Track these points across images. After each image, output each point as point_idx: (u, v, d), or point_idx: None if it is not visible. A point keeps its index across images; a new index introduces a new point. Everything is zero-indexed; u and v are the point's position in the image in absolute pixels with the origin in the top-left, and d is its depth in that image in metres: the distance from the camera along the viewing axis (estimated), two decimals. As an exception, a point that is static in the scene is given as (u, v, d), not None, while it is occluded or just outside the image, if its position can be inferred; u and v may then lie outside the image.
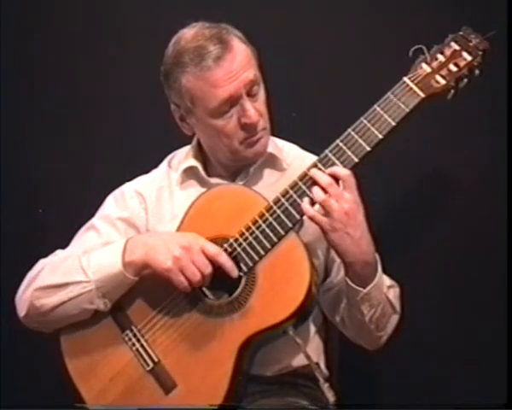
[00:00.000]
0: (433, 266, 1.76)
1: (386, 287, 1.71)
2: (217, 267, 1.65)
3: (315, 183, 1.63)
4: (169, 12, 2.23)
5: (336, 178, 1.62)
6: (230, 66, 1.69)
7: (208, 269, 1.64)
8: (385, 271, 1.73)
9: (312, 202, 1.64)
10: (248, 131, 1.73)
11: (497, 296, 2.11)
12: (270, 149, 1.82)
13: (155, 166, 1.94)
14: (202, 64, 1.69)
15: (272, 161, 1.84)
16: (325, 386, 1.62)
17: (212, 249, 1.65)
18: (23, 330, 1.80)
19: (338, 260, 1.76)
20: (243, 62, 1.71)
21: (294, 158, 1.85)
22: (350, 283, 1.66)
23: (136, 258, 1.67)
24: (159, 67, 1.79)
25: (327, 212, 1.61)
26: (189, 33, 1.74)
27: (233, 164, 1.82)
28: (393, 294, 1.74)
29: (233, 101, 1.70)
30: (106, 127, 2.36)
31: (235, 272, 1.64)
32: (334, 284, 1.81)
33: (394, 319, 1.75)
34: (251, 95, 1.72)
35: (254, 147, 1.76)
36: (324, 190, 1.62)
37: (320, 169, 1.64)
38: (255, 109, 1.72)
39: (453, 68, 1.66)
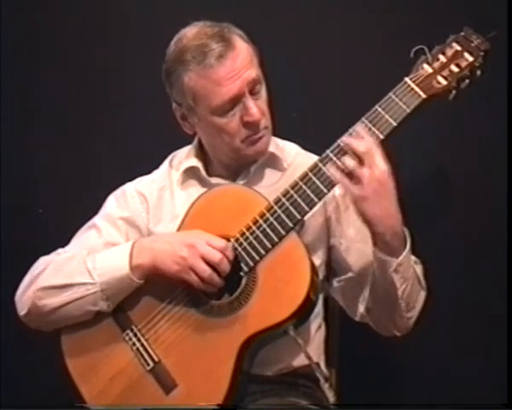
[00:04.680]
0: (432, 265, 1.76)
1: (413, 261, 1.69)
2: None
3: (344, 152, 1.61)
4: (170, 11, 2.23)
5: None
6: (233, 64, 1.69)
7: (217, 256, 1.63)
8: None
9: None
10: (251, 130, 1.73)
11: (497, 296, 2.11)
12: (271, 149, 1.82)
13: (156, 166, 1.94)
14: (205, 62, 1.68)
15: (273, 161, 1.83)
16: (325, 386, 1.61)
17: (219, 243, 1.64)
18: (23, 329, 1.80)
19: (343, 252, 1.76)
20: (246, 61, 1.71)
21: (295, 158, 1.85)
22: (381, 255, 1.62)
23: (143, 262, 1.68)
24: (160, 66, 1.79)
25: (357, 179, 1.58)
26: (190, 32, 1.74)
27: (234, 163, 1.82)
28: (420, 270, 1.73)
29: (236, 99, 1.70)
30: (106, 127, 2.36)
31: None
32: (346, 272, 1.78)
33: (422, 296, 1.73)
34: (253, 93, 1.72)
35: (256, 145, 1.76)
36: (355, 158, 1.59)
37: (321, 169, 1.64)
38: (258, 108, 1.72)
39: (454, 69, 1.66)
